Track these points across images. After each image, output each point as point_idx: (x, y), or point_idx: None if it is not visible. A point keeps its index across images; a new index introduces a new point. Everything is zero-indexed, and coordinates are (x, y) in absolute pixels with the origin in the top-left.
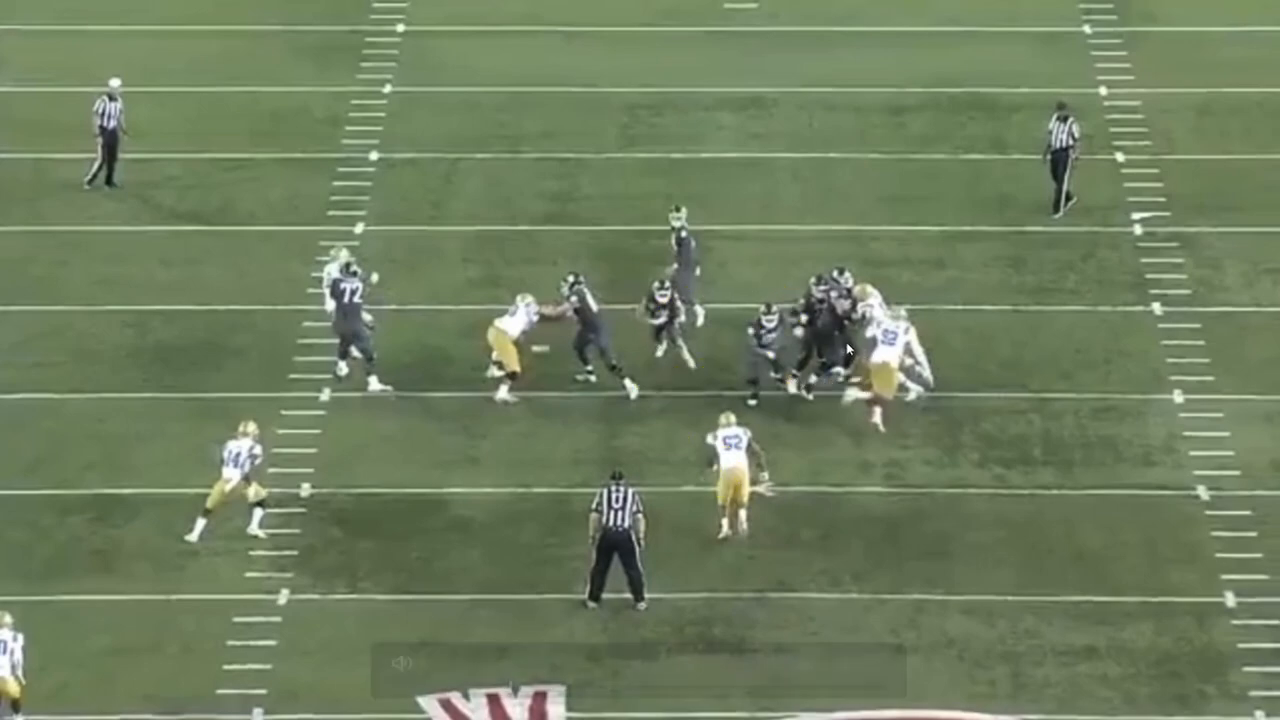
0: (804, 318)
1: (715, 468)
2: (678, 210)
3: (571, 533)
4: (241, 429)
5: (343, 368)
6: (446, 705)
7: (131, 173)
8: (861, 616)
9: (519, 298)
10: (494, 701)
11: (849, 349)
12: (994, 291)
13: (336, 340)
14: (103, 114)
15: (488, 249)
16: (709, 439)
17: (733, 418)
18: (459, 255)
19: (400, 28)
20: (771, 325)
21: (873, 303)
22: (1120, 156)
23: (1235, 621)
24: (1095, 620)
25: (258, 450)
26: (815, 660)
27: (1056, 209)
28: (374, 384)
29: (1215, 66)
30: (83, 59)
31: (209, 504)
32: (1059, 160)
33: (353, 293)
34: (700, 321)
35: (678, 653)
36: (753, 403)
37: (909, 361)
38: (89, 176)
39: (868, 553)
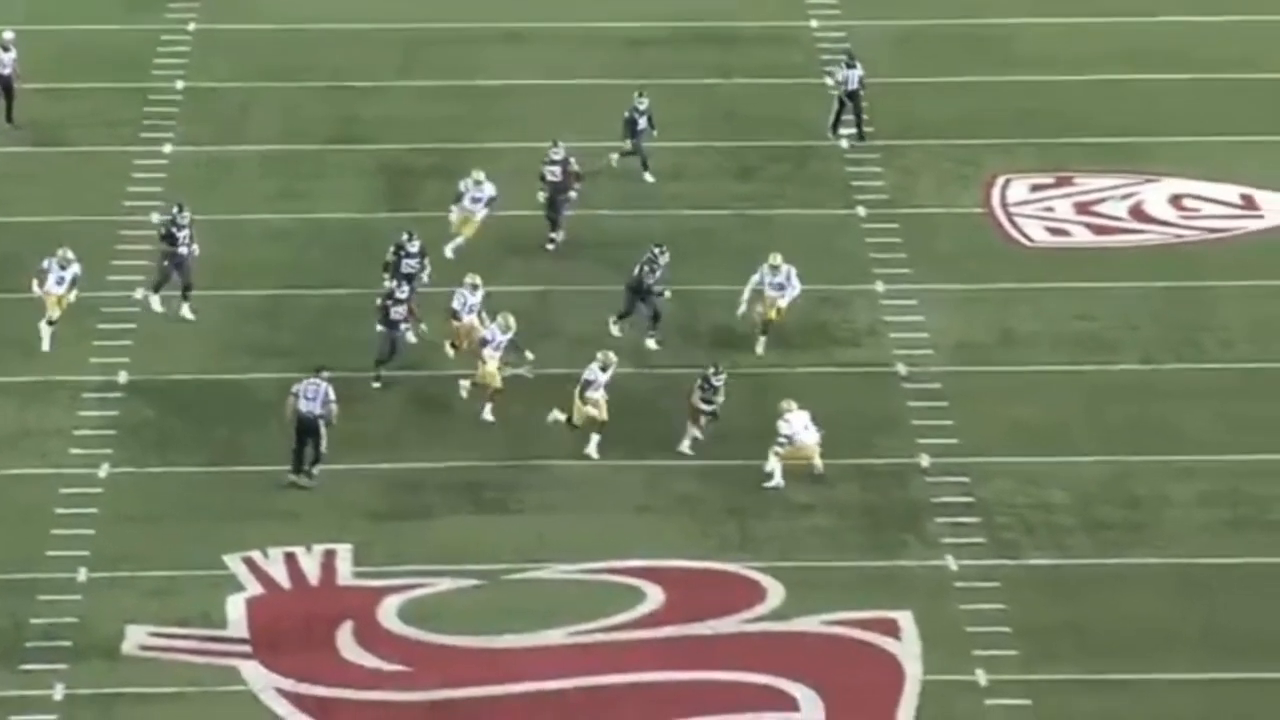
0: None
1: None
2: (640, 95)
3: (357, 408)
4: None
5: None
6: (249, 563)
7: None
8: (611, 481)
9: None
10: (290, 559)
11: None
12: (723, 199)
13: (169, 277)
14: None
15: (282, 166)
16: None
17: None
18: (257, 172)
19: None
20: (720, 384)
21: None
22: (829, 81)
23: (929, 480)
24: (812, 480)
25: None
26: (572, 519)
27: (861, 137)
28: (185, 310)
29: (915, 2)
30: None
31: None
32: (853, 98)
33: (185, 238)
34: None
35: (452, 514)
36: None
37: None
38: None
39: (617, 425)
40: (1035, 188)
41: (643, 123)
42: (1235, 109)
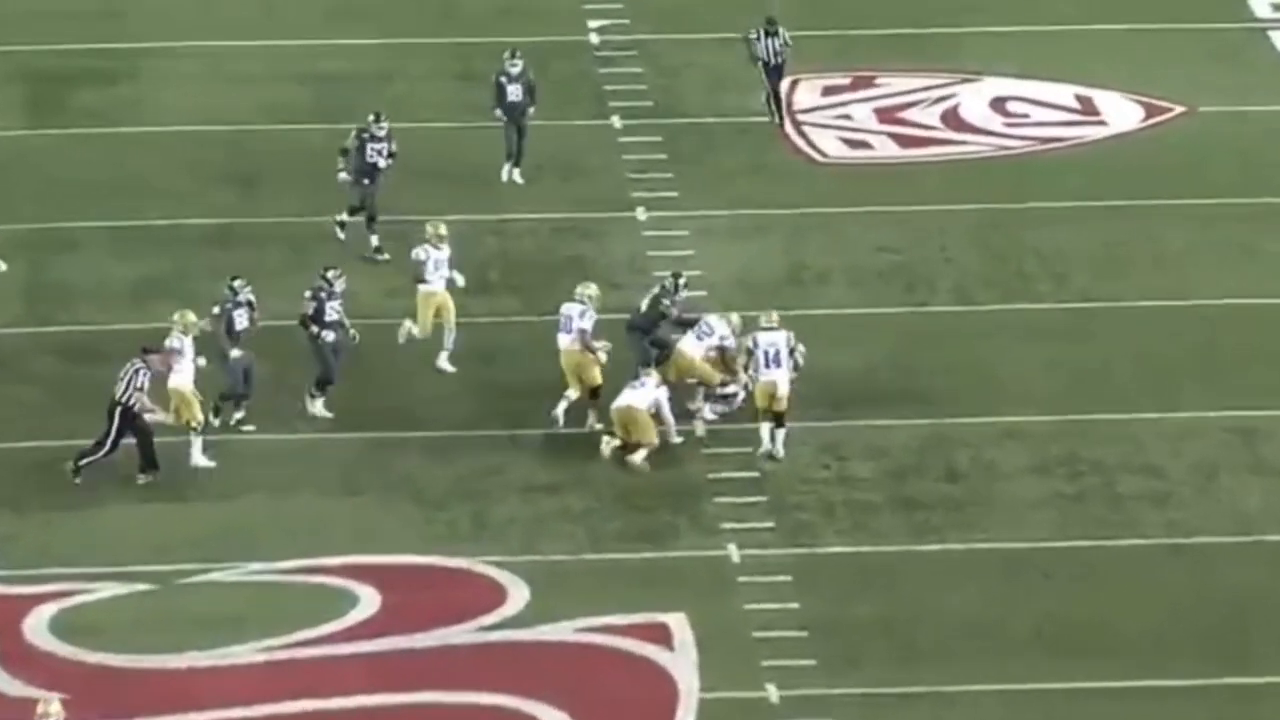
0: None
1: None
2: (513, 56)
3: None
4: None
5: None
6: None
7: None
8: (314, 456)
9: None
10: None
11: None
12: (446, 108)
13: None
14: None
15: None
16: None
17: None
18: None
19: None
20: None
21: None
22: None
23: (705, 450)
24: (560, 451)
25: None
26: (266, 505)
27: (782, 122)
28: None
29: None
30: None
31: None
32: (773, 71)
33: None
34: None
35: (115, 502)
36: None
37: None
38: None
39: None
40: (828, 90)
41: (515, 92)
42: None
